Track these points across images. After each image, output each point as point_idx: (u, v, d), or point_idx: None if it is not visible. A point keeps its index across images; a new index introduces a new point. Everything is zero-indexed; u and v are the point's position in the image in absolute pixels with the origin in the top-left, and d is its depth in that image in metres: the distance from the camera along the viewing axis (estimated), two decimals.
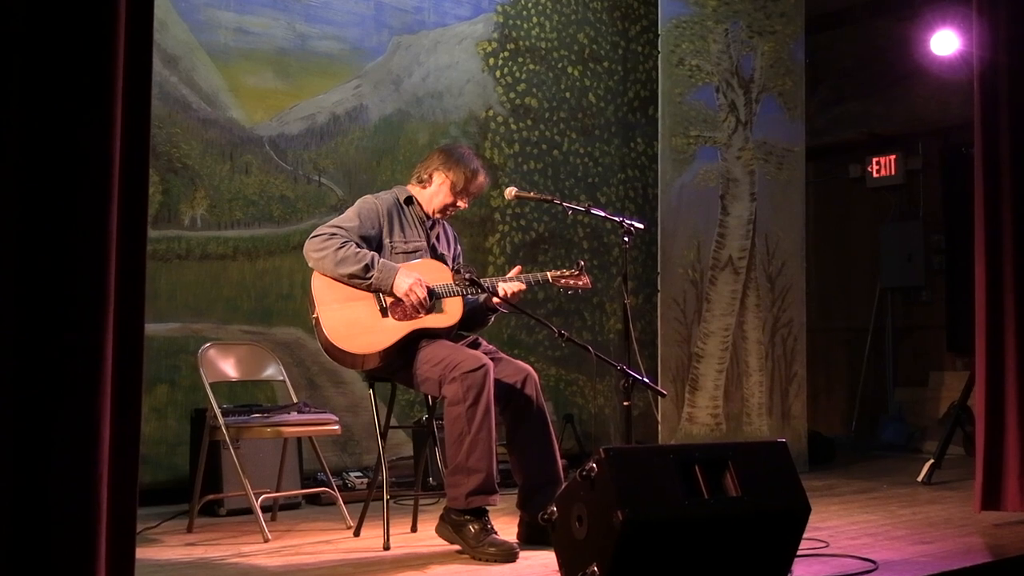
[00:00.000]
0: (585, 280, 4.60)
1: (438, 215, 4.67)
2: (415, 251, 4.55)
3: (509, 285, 4.48)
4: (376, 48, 6.75)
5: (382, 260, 4.38)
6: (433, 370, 4.28)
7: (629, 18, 8.02)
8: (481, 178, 4.66)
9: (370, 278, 4.33)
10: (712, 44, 6.92)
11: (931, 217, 8.75)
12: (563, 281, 4.59)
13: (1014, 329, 4.86)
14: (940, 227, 8.63)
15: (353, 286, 4.36)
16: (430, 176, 4.63)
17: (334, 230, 4.40)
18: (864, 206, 9.18)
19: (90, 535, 2.51)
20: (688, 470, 3.48)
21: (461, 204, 4.67)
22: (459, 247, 4.86)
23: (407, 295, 4.33)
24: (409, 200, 4.64)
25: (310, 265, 4.41)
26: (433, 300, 4.40)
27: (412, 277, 4.35)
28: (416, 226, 4.61)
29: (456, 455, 4.19)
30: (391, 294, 4.36)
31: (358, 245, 4.38)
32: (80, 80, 2.55)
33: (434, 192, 4.63)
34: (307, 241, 4.41)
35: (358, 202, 4.58)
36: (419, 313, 4.37)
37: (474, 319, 4.66)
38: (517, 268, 4.60)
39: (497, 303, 4.55)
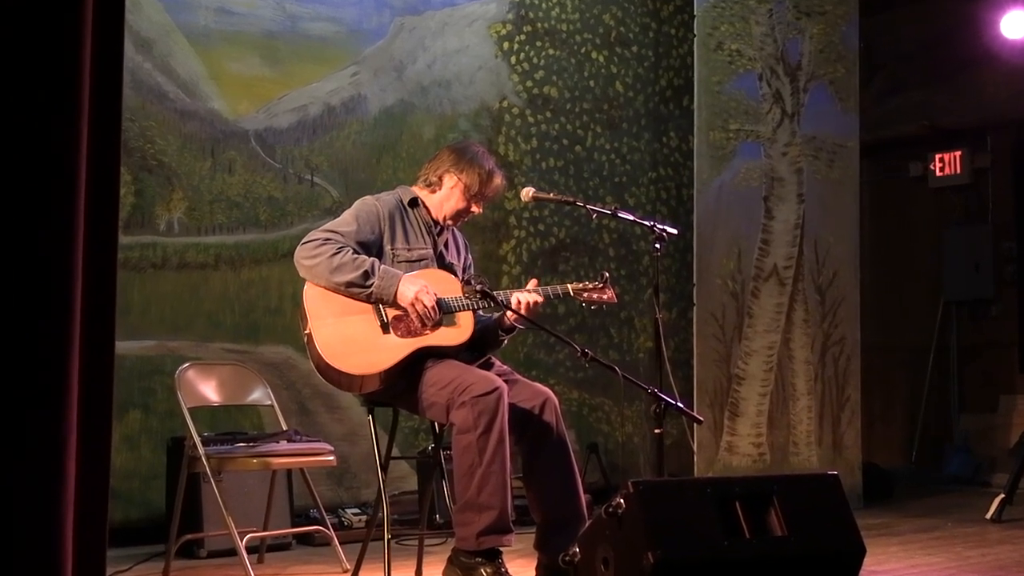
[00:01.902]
0: (611, 293, 4.59)
1: (450, 222, 4.65)
2: (420, 259, 4.54)
3: (525, 296, 4.46)
4: (376, 31, 6.76)
5: (384, 266, 4.36)
6: (440, 394, 4.26)
7: None
8: (497, 180, 4.65)
9: (370, 286, 4.31)
10: (754, 26, 6.91)
11: (1001, 221, 8.73)
12: (586, 294, 4.57)
13: None
14: (1011, 233, 8.61)
15: (351, 296, 4.34)
16: (440, 179, 4.61)
17: (328, 235, 4.39)
18: (926, 209, 9.17)
19: None
20: (727, 506, 3.48)
21: (475, 210, 4.66)
22: (470, 256, 4.85)
23: (413, 304, 4.30)
24: (414, 202, 4.62)
25: (301, 275, 4.40)
26: (441, 314, 4.39)
27: (418, 284, 4.32)
28: (421, 231, 4.59)
29: (466, 490, 4.18)
30: (394, 305, 4.34)
31: (355, 251, 4.37)
32: (42, 66, 2.54)
33: (444, 197, 4.61)
34: (298, 248, 4.41)
35: (356, 204, 4.57)
36: (425, 329, 4.35)
37: (485, 339, 4.63)
38: (533, 281, 4.57)
39: (512, 319, 4.52)
